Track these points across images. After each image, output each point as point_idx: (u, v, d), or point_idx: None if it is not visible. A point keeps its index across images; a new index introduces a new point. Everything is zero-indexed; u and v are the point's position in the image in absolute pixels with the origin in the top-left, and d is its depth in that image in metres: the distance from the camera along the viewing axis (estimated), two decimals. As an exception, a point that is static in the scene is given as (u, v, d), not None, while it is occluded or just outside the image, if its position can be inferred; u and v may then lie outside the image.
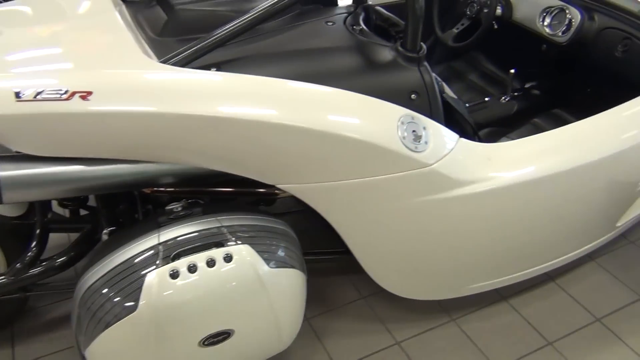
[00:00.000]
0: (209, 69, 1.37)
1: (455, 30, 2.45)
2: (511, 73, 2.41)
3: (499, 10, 2.45)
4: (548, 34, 2.31)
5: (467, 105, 2.44)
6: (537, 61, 2.57)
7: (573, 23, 2.21)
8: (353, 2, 1.73)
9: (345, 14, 1.66)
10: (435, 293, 1.81)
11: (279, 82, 1.34)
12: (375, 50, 1.52)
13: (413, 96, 1.47)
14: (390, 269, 1.68)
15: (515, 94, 2.49)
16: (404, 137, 1.40)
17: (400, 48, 1.48)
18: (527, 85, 2.61)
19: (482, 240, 1.68)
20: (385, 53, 1.50)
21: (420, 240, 1.60)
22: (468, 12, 2.43)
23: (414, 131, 1.42)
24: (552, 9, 2.30)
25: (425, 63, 1.51)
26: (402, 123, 1.41)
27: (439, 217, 1.56)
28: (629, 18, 2.09)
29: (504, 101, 2.45)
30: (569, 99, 2.48)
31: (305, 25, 1.61)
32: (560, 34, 2.26)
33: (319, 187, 1.41)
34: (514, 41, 2.62)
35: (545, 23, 2.33)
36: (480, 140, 1.68)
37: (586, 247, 2.00)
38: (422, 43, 1.49)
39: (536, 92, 2.54)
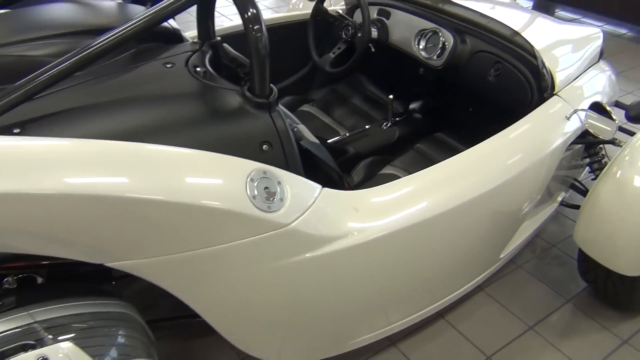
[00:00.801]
0: (10, 131, 1.13)
1: (331, 55, 2.33)
2: (390, 99, 2.31)
3: (374, 33, 2.36)
4: (424, 57, 2.24)
5: (347, 134, 2.31)
6: (417, 84, 2.50)
7: (447, 46, 2.15)
8: (199, 37, 1.52)
9: (189, 53, 1.46)
10: (313, 354, 1.64)
11: (96, 144, 1.12)
12: (218, 96, 1.33)
13: (265, 147, 1.29)
14: (257, 337, 1.50)
15: (397, 119, 2.40)
16: (254, 197, 1.22)
17: (247, 93, 1.30)
18: (411, 107, 2.54)
19: (359, 294, 1.53)
20: (230, 99, 1.31)
21: (288, 303, 1.43)
22: (344, 36, 2.32)
23: (266, 188, 1.24)
24: (426, 31, 2.23)
25: (279, 108, 1.34)
26: (252, 180, 1.23)
27: (307, 278, 1.39)
28: (500, 42, 2.04)
29: (385, 127, 2.35)
30: (451, 122, 2.43)
31: (139, 68, 1.39)
32: (435, 57, 2.19)
33: (158, 261, 1.20)
34: (394, 64, 2.55)
35: (421, 46, 2.25)
36: (349, 185, 1.54)
37: (470, 284, 1.92)
38: (272, 85, 1.32)
39: (418, 115, 2.47)
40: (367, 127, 2.32)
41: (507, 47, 2.01)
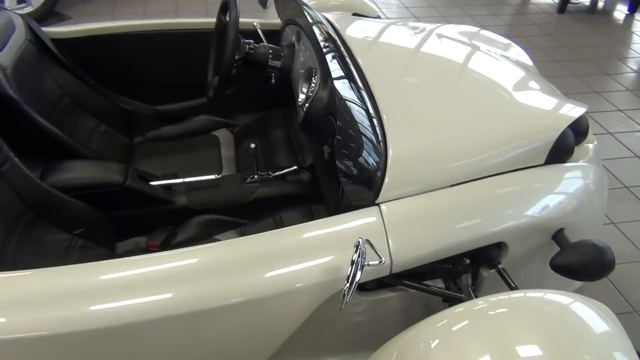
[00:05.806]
0: None
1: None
2: (252, 148, 1.76)
3: (276, 62, 1.83)
4: (298, 104, 1.65)
5: (184, 180, 1.77)
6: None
7: (311, 95, 1.55)
8: None
9: None
10: None
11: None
12: None
13: None
14: None
15: (270, 174, 1.81)
16: None
17: None
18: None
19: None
20: None
21: None
22: (236, 57, 1.83)
23: None
24: (311, 70, 1.64)
25: None
26: None
27: None
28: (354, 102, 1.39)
29: (247, 183, 1.79)
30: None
31: None
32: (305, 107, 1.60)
33: None
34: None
35: (303, 89, 1.67)
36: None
37: None
38: None
39: (306, 177, 1.86)
40: (218, 175, 1.78)
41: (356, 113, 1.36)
